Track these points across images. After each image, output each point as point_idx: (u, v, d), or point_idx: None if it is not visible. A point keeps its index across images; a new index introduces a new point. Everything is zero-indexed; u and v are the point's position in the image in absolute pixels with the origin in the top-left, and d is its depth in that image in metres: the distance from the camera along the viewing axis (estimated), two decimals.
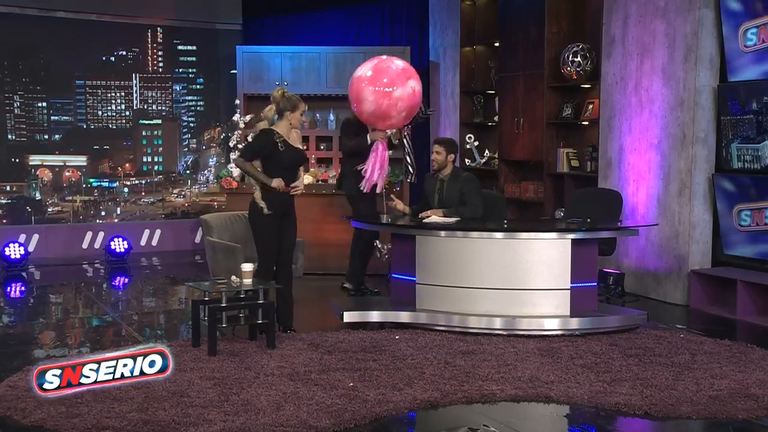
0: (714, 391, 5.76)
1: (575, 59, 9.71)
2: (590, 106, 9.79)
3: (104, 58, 12.26)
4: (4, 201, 11.66)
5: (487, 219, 8.15)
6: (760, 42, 8.03)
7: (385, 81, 8.38)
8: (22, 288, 10.06)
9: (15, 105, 11.66)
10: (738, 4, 8.19)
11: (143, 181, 12.52)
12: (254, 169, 7.17)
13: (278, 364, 6.34)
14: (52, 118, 11.99)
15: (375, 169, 8.55)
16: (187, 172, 12.88)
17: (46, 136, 12.01)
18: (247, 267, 6.99)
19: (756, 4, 8.04)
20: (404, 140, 9.41)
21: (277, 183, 7.10)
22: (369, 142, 8.60)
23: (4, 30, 11.45)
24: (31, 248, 11.40)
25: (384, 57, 8.82)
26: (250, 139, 9.14)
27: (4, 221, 11.62)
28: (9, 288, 9.96)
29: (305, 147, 8.32)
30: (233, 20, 12.60)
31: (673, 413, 5.39)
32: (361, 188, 8.64)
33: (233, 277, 6.99)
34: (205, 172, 12.96)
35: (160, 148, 12.68)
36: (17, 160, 11.77)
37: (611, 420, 5.41)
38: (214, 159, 12.89)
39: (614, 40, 9.26)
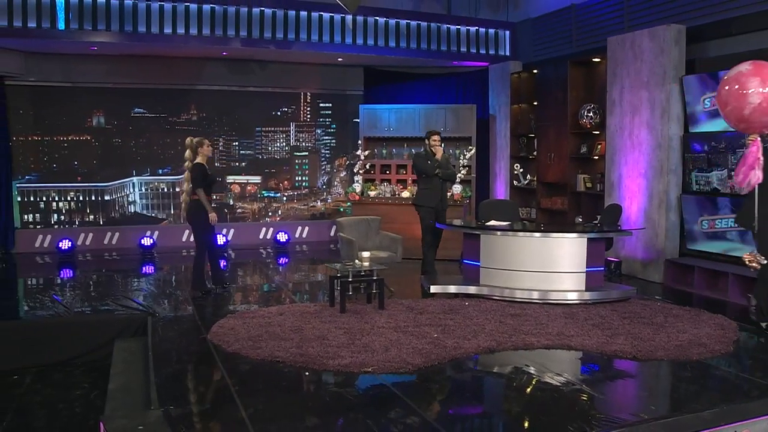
0: (678, 341, 5.73)
1: (589, 114, 9.61)
2: (599, 146, 9.65)
3: (273, 113, 12.53)
4: (213, 205, 12.06)
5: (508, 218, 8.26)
6: (712, 106, 7.88)
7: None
8: (224, 264, 10.29)
9: (220, 144, 12.19)
10: (696, 81, 8.08)
11: (296, 193, 12.78)
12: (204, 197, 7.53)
13: (386, 320, 6.41)
14: (241, 152, 12.34)
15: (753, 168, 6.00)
16: (324, 186, 13.08)
17: (237, 164, 12.37)
18: (366, 254, 7.08)
19: (708, 82, 7.92)
20: None
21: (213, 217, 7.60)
22: None
23: (216, 99, 11.96)
24: (229, 237, 11.77)
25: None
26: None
27: None
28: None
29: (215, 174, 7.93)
30: (358, 88, 12.75)
31: (652, 356, 5.38)
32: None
33: (356, 261, 7.10)
34: (335, 187, 13.14)
35: (307, 171, 12.90)
36: (220, 179, 12.19)
37: (611, 361, 5.39)
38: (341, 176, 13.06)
39: (615, 102, 9.13)
